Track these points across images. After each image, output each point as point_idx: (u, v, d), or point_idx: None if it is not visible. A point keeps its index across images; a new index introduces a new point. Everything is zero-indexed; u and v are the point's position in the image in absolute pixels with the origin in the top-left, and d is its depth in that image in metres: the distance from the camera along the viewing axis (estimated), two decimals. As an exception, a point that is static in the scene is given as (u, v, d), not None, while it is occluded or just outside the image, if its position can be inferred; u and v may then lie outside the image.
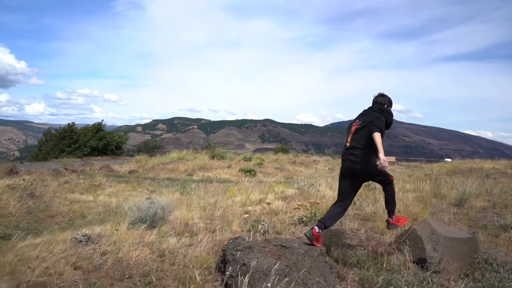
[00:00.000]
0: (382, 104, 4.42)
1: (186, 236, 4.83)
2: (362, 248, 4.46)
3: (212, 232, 4.98)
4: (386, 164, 3.92)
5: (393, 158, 34.60)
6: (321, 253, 3.77)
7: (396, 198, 4.54)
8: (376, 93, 4.54)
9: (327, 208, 5.89)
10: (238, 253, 3.45)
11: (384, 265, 4.09)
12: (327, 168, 23.16)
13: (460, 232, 4.60)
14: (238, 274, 3.17)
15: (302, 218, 5.32)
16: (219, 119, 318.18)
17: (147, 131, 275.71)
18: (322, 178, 11.30)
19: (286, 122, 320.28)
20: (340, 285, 3.54)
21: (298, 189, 8.17)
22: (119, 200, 9.30)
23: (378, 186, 7.58)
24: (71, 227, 6.02)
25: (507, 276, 3.80)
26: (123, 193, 10.98)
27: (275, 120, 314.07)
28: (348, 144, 4.31)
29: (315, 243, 4.02)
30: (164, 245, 4.49)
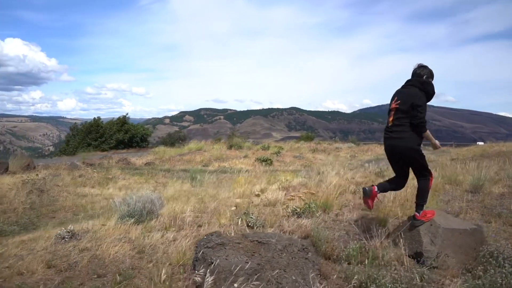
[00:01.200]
0: (421, 76, 4.10)
1: (172, 231, 4.65)
2: (355, 242, 4.15)
3: (200, 226, 4.77)
4: (440, 146, 4.11)
5: (420, 143, 33.42)
6: (303, 248, 3.49)
7: (429, 194, 4.27)
8: (416, 65, 4.22)
9: (323, 198, 5.61)
10: (208, 250, 3.22)
11: (378, 260, 3.79)
12: (348, 155, 22.63)
13: (464, 222, 4.20)
14: (206, 273, 2.94)
15: (296, 210, 5.02)
16: (245, 109, 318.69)
17: (175, 123, 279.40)
18: (336, 166, 10.94)
19: (312, 109, 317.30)
20: (321, 284, 3.25)
21: (305, 178, 7.85)
22: (127, 193, 9.25)
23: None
24: (67, 223, 5.95)
25: (512, 271, 3.41)
26: (135, 185, 10.95)
27: (302, 108, 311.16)
28: (390, 123, 4.09)
29: (368, 202, 4.10)
30: (146, 241, 4.32)
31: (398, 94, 4.12)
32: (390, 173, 8.21)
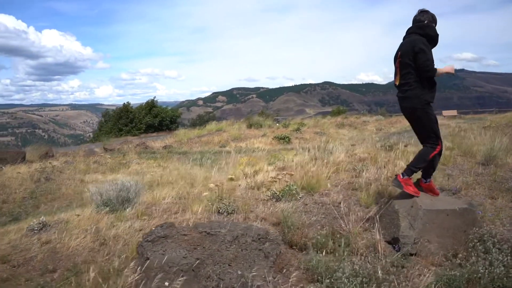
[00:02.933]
0: (422, 21, 3.69)
1: (143, 220, 4.44)
2: (328, 227, 3.77)
3: (175, 214, 4.54)
4: (453, 67, 3.55)
5: (454, 112, 31.83)
6: (258, 238, 3.17)
7: (429, 165, 3.80)
8: (417, 11, 3.81)
9: (314, 179, 5.22)
10: (148, 244, 2.96)
11: (350, 248, 3.41)
12: (375, 129, 21.78)
13: (454, 201, 3.71)
14: (136, 271, 2.70)
15: (276, 193, 4.68)
16: (278, 86, 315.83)
17: (208, 104, 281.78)
18: (346, 142, 10.48)
19: (346, 83, 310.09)
20: (274, 278, 2.92)
21: (307, 156, 7.44)
22: (133, 178, 9.21)
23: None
24: (55, 212, 5.90)
25: (500, 258, 2.94)
26: (147, 169, 10.91)
27: (335, 82, 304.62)
28: (397, 82, 3.75)
29: (411, 192, 3.62)
30: (113, 231, 4.13)
31: (400, 48, 3.75)
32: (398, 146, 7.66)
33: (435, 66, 3.49)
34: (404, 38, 3.80)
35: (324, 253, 3.29)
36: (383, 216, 3.74)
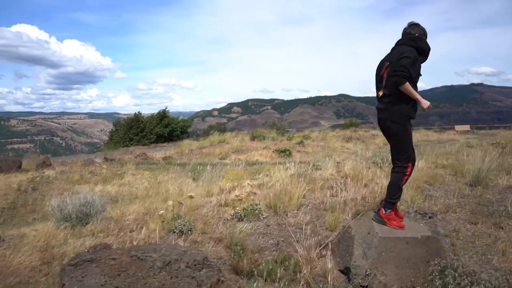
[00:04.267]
0: (413, 34, 3.50)
1: (99, 237, 4.25)
2: (280, 252, 3.51)
3: (130, 232, 4.34)
4: (430, 106, 3.27)
5: (467, 127, 31.13)
6: (195, 264, 2.93)
7: (402, 190, 3.56)
8: (407, 24, 3.61)
9: (273, 198, 4.95)
10: (70, 268, 2.75)
11: (299, 276, 3.15)
12: (382, 143, 21.34)
13: (417, 228, 3.40)
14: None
15: (238, 213, 4.43)
16: (293, 98, 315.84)
17: (223, 114, 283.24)
18: (338, 157, 10.21)
19: (361, 96, 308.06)
20: (204, 310, 2.68)
21: (293, 171, 7.18)
22: (123, 190, 9.07)
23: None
24: (27, 225, 5.76)
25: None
26: (140, 181, 10.77)
27: (350, 94, 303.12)
28: (380, 93, 3.47)
29: (396, 226, 3.32)
30: (63, 249, 3.95)
31: (387, 58, 3.50)
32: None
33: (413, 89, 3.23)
34: (393, 48, 3.58)
35: (269, 281, 3.05)
36: (341, 241, 3.47)
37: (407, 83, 3.18)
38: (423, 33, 3.52)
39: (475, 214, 4.52)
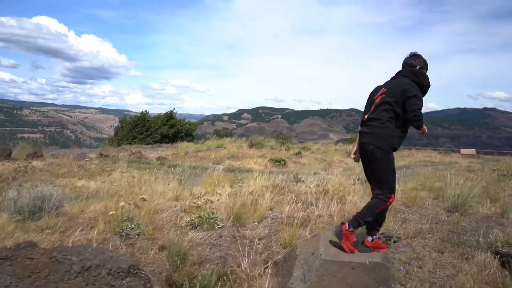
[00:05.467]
0: (413, 66, 3.40)
1: (47, 233, 4.07)
2: (221, 264, 3.31)
3: (80, 231, 4.15)
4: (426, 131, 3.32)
5: (473, 151, 30.64)
6: (118, 272, 2.73)
7: (375, 220, 3.34)
8: (408, 54, 3.52)
9: (233, 208, 4.76)
10: (-20, 266, 2.57)
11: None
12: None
13: (368, 254, 3.18)
14: None
15: (193, 220, 4.24)
16: (303, 109, 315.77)
17: (233, 120, 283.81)
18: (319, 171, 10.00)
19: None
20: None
21: (272, 181, 6.97)
22: (102, 186, 8.92)
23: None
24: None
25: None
26: (124, 179, 10.63)
27: (361, 109, 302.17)
28: (367, 116, 3.34)
29: (346, 245, 3.13)
30: (4, 243, 3.78)
31: (385, 85, 3.39)
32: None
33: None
34: (393, 77, 3.48)
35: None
36: (286, 260, 3.26)
37: (424, 126, 3.23)
38: (425, 65, 3.45)
39: (444, 242, 4.27)
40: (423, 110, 3.19)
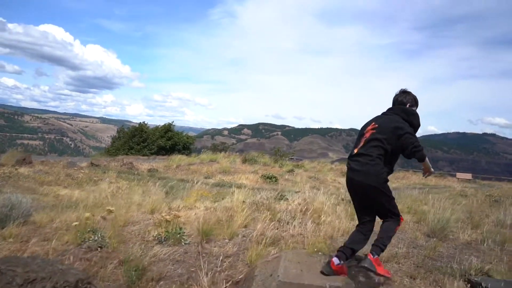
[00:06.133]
0: (404, 103, 3.43)
1: (8, 242, 3.96)
2: (180, 282, 3.19)
3: (43, 241, 4.04)
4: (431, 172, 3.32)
5: (469, 175, 30.51)
6: (65, 285, 2.62)
7: (391, 240, 3.46)
8: (398, 91, 3.56)
9: (226, 225, 4.68)
10: None
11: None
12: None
13: (330, 277, 3.06)
14: None
15: (160, 235, 4.13)
16: (303, 127, 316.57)
17: (233, 135, 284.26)
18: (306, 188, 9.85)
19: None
20: None
21: (254, 198, 6.85)
22: (87, 196, 8.80)
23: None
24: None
25: None
26: (109, 189, 10.51)
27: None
28: (356, 151, 3.32)
29: (383, 272, 3.28)
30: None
31: (375, 120, 3.43)
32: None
33: None
34: (384, 113, 3.50)
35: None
36: (246, 281, 3.14)
37: (425, 156, 3.16)
38: (415, 103, 3.49)
39: (418, 268, 4.15)
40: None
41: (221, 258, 3.81)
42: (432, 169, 3.29)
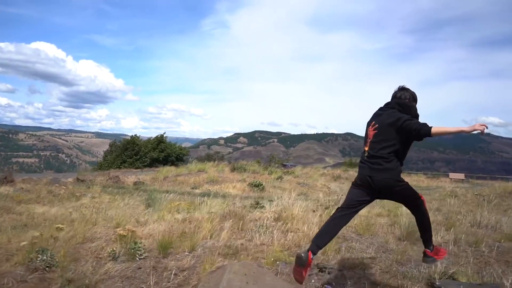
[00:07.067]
0: (402, 99, 3.43)
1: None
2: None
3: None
4: (482, 127, 2.81)
5: (462, 175, 30.47)
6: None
7: (430, 224, 3.51)
8: (396, 87, 3.55)
9: (188, 236, 4.55)
10: None
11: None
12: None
13: (280, 286, 2.93)
14: None
15: (114, 251, 3.98)
16: (299, 133, 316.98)
17: (229, 144, 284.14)
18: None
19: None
20: None
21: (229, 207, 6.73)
22: (65, 213, 8.63)
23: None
24: None
25: None
26: (91, 204, 10.35)
27: (357, 134, 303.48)
28: (366, 153, 3.36)
29: (301, 273, 3.04)
30: None
31: (375, 119, 3.42)
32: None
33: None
34: (382, 109, 3.47)
35: None
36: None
37: (433, 127, 2.97)
38: (413, 98, 3.49)
39: (384, 273, 4.03)
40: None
41: (177, 272, 3.67)
42: (468, 128, 2.88)
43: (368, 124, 3.45)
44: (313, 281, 3.73)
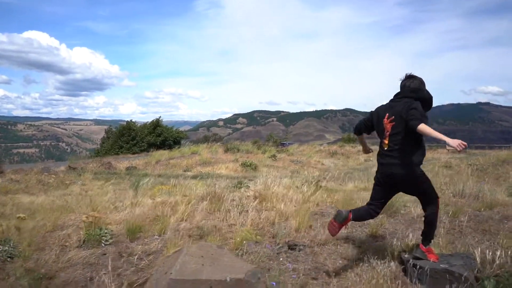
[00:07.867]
0: (413, 87, 3.40)
1: None
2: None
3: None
4: (461, 147, 2.74)
5: (460, 146, 30.22)
6: None
7: (436, 226, 3.53)
8: (403, 76, 3.53)
9: (160, 220, 4.47)
10: None
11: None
12: (363, 160, 20.76)
13: (237, 267, 2.85)
14: None
15: (79, 237, 3.92)
16: (298, 111, 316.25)
17: (228, 125, 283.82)
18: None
19: (367, 110, 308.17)
20: None
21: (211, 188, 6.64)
22: (49, 201, 8.58)
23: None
24: None
25: None
26: (80, 192, 10.30)
27: (356, 109, 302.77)
28: (385, 147, 3.33)
29: (336, 229, 3.32)
30: None
31: (389, 111, 3.37)
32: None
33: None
34: (393, 100, 3.43)
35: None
36: (148, 280, 2.93)
37: (422, 124, 2.94)
38: (421, 84, 3.44)
39: (357, 248, 3.97)
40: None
41: (143, 256, 3.60)
42: (452, 140, 2.74)
43: (381, 116, 3.39)
44: (281, 259, 3.66)
